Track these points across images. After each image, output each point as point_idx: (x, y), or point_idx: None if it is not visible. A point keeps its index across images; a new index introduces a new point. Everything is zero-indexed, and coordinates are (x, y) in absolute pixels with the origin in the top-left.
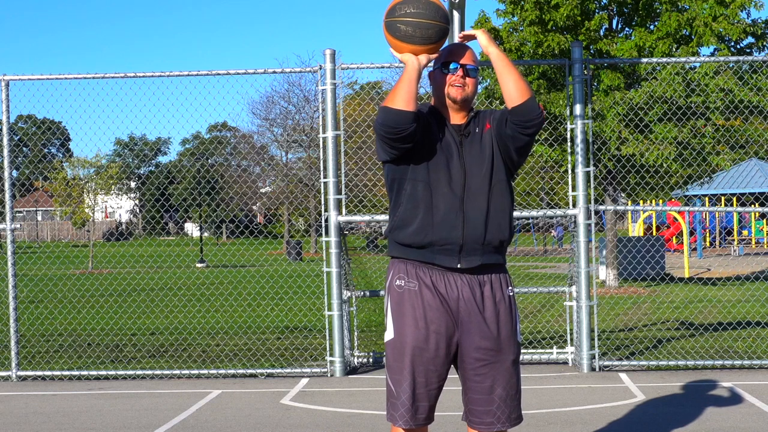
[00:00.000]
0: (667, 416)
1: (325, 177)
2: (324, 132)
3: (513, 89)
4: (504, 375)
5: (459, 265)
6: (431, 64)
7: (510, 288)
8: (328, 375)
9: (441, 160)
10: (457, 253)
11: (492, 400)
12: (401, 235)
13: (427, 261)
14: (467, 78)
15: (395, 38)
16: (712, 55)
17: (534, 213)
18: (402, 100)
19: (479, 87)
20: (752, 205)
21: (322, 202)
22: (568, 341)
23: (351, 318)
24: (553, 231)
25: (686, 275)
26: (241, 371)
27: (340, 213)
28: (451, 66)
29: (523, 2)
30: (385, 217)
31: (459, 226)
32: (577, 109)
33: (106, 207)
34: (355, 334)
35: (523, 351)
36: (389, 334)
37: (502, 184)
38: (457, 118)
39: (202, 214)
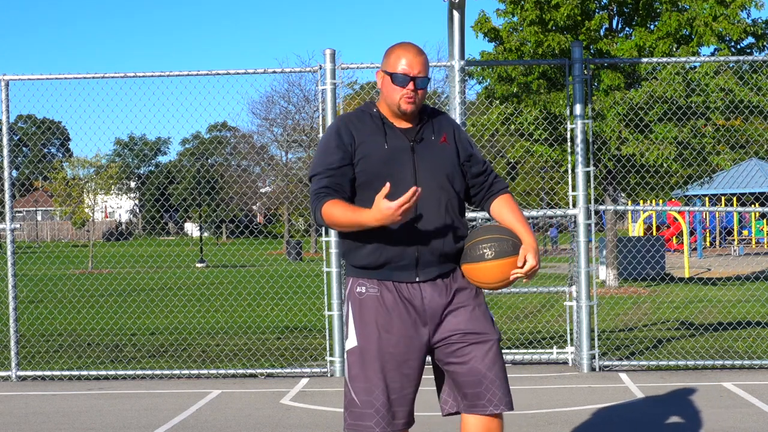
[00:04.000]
0: (667, 416)
1: None
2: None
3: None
4: (488, 355)
5: (417, 279)
6: (382, 65)
7: (465, 277)
8: (328, 375)
9: (387, 171)
10: (413, 268)
11: (479, 381)
12: (356, 258)
13: (385, 279)
14: (418, 90)
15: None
16: (712, 55)
17: (534, 213)
18: (339, 230)
19: (479, 87)
20: (752, 205)
21: None
22: (568, 341)
23: None
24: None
25: (686, 275)
26: (241, 371)
27: None
28: (401, 79)
29: (523, 2)
30: None
31: (413, 241)
32: (577, 109)
33: (106, 207)
34: None
35: (523, 351)
36: (353, 342)
37: (460, 193)
38: (405, 122)
39: (202, 214)
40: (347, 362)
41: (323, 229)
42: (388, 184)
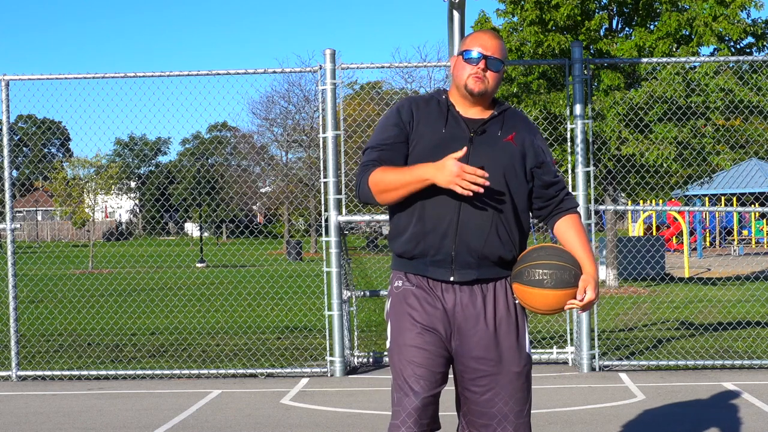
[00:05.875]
0: (667, 416)
1: (325, 177)
2: (324, 132)
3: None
4: (506, 389)
5: (452, 278)
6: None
7: (516, 295)
8: (328, 375)
9: (439, 156)
10: (449, 265)
11: (492, 415)
12: (396, 245)
13: (420, 273)
14: (489, 72)
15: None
16: (712, 55)
17: None
18: (387, 198)
19: None
20: (752, 205)
21: (322, 202)
22: (568, 341)
23: (351, 318)
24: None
25: (686, 275)
26: (241, 371)
27: (340, 213)
28: (474, 55)
29: (523, 2)
30: (385, 216)
31: (451, 235)
32: (577, 109)
33: (106, 207)
34: (355, 334)
35: None
36: (390, 339)
37: (517, 198)
38: (473, 111)
39: (202, 214)
40: (389, 358)
41: (323, 229)
42: (465, 148)
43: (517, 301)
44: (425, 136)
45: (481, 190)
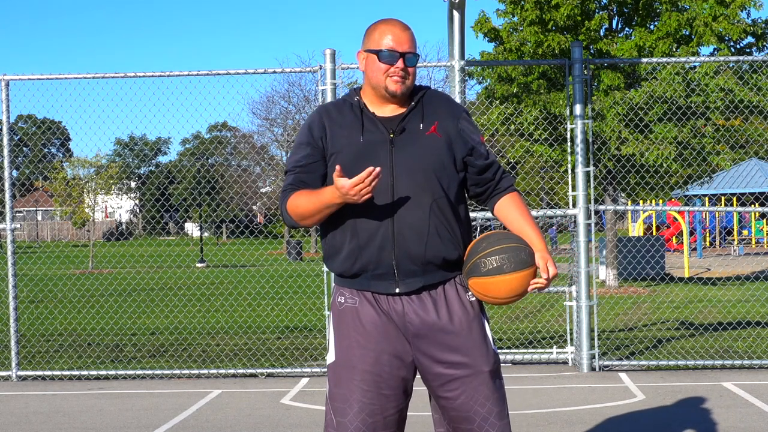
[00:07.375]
0: (667, 416)
1: None
2: None
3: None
4: (480, 390)
5: (397, 290)
6: (365, 45)
7: (470, 293)
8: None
9: (360, 168)
10: (392, 277)
11: (471, 419)
12: (334, 264)
13: (364, 289)
14: (408, 68)
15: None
16: (712, 55)
17: (534, 213)
18: (309, 223)
19: (479, 87)
20: (752, 205)
21: None
22: (568, 341)
23: None
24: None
25: (686, 275)
26: (241, 371)
27: None
28: (389, 55)
29: (523, 2)
30: None
31: (388, 245)
32: (577, 109)
33: (106, 207)
34: None
35: (523, 351)
36: (331, 357)
37: (451, 192)
38: (389, 108)
39: (202, 214)
40: (327, 377)
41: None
42: (338, 167)
43: (473, 299)
44: (343, 149)
45: (373, 185)
